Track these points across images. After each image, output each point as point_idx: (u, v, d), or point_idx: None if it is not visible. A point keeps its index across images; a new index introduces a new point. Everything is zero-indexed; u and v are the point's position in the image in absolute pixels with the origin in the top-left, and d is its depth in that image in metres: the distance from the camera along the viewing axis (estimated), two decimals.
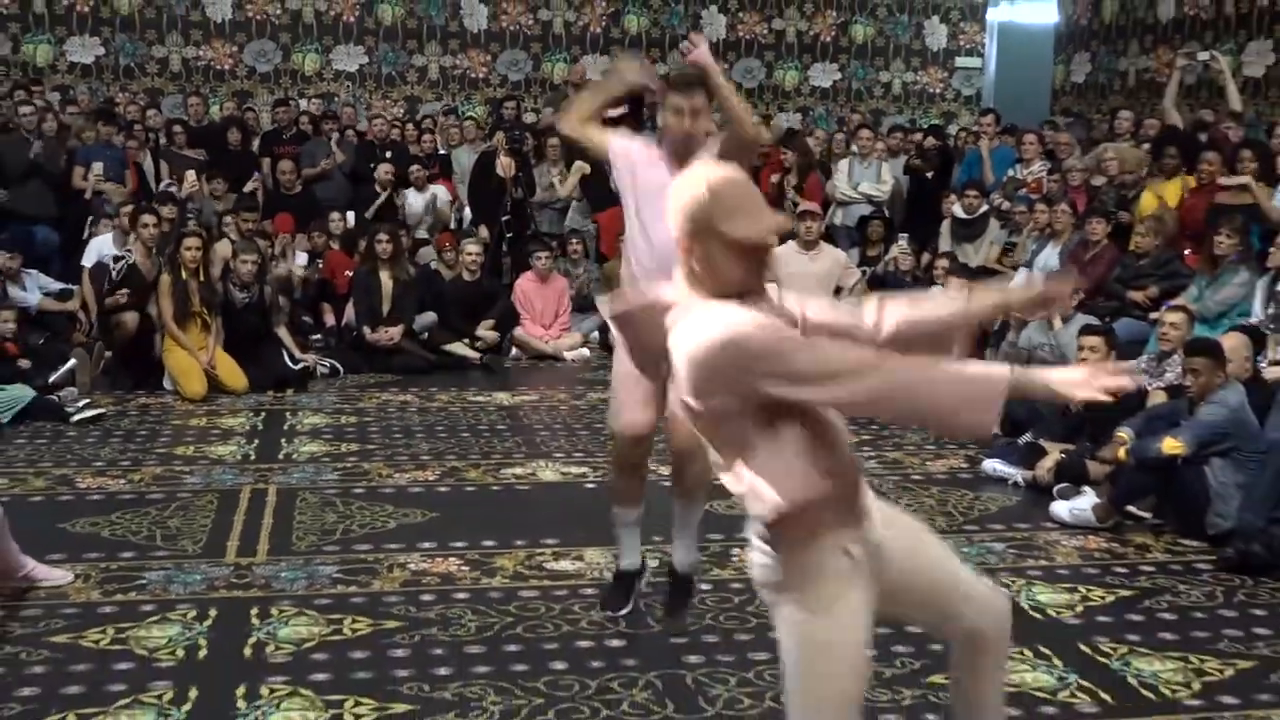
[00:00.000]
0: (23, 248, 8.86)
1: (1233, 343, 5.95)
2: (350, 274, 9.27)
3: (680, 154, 4.22)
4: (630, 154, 4.37)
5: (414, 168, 10.61)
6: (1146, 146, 9.31)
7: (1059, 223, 8.60)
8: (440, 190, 10.77)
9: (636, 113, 12.03)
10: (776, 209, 9.96)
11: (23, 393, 7.15)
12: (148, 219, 8.37)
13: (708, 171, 2.56)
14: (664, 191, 4.31)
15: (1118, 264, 8.08)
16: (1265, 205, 7.49)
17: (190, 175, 10.09)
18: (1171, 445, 5.41)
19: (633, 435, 4.30)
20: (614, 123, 9.92)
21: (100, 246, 8.96)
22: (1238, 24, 11.22)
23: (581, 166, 10.78)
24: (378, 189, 10.38)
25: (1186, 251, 7.95)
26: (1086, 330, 6.49)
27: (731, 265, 2.45)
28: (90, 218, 9.71)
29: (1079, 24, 13.68)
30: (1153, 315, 7.27)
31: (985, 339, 7.62)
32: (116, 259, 8.43)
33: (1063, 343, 6.94)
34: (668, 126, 4.33)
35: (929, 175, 10.72)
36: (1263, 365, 6.39)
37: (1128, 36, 12.77)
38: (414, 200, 10.57)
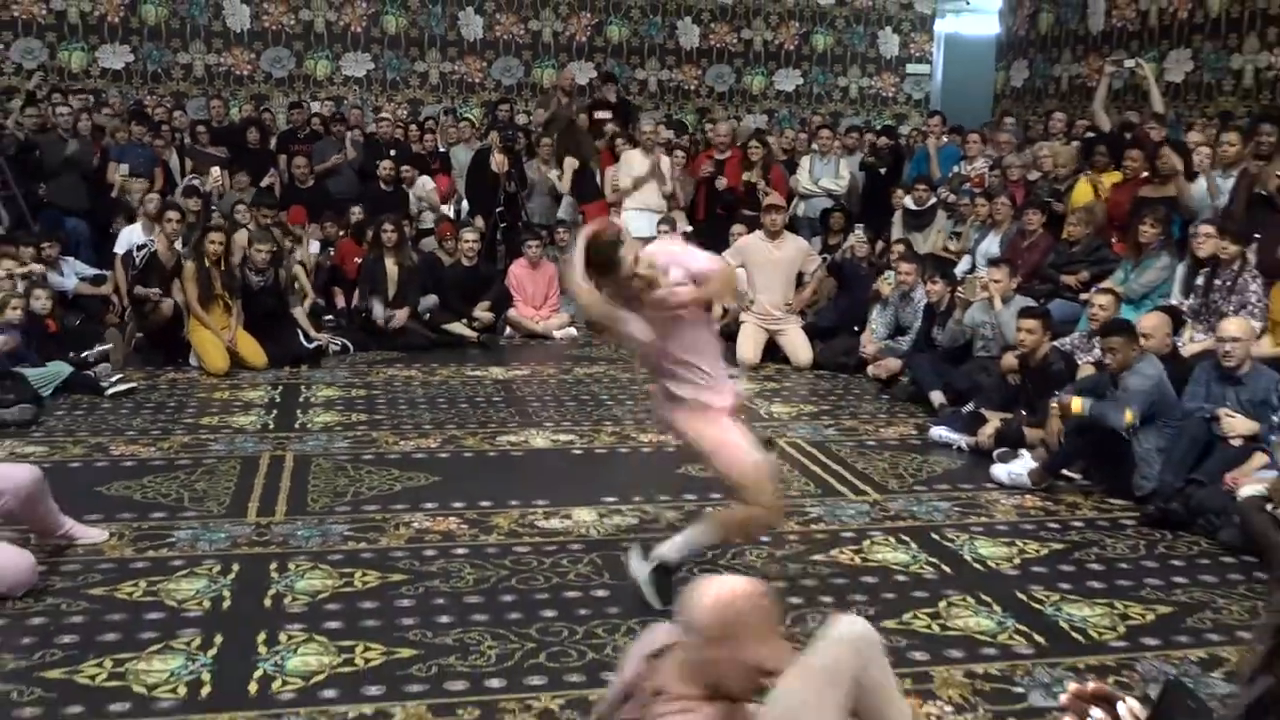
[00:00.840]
0: (55, 236, 8.83)
1: (1154, 321, 5.99)
2: (359, 261, 9.24)
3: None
4: None
5: (404, 167, 10.54)
6: (1077, 144, 9.33)
7: (999, 214, 8.63)
8: (425, 180, 10.70)
9: (624, 112, 12.06)
10: (748, 200, 10.00)
11: (61, 369, 7.12)
12: (172, 214, 8.39)
13: (735, 585, 2.52)
14: None
15: (1052, 250, 8.10)
16: (1186, 194, 7.49)
17: (215, 171, 10.06)
18: (1130, 416, 5.36)
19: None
20: (602, 123, 9.95)
21: (130, 236, 8.90)
22: (1160, 34, 11.24)
23: (572, 162, 10.75)
24: (382, 185, 10.34)
25: (1114, 239, 7.97)
26: (1025, 313, 6.51)
27: (736, 679, 2.44)
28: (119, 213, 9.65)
29: (1018, 34, 13.68)
30: (1083, 297, 7.30)
31: (934, 318, 7.63)
32: (139, 247, 8.39)
33: (1003, 321, 6.96)
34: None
35: (882, 171, 10.72)
36: (1181, 344, 6.43)
37: (1061, 46, 12.78)
38: (412, 194, 10.54)
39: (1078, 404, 5.57)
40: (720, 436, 4.01)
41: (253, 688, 3.48)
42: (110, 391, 7.08)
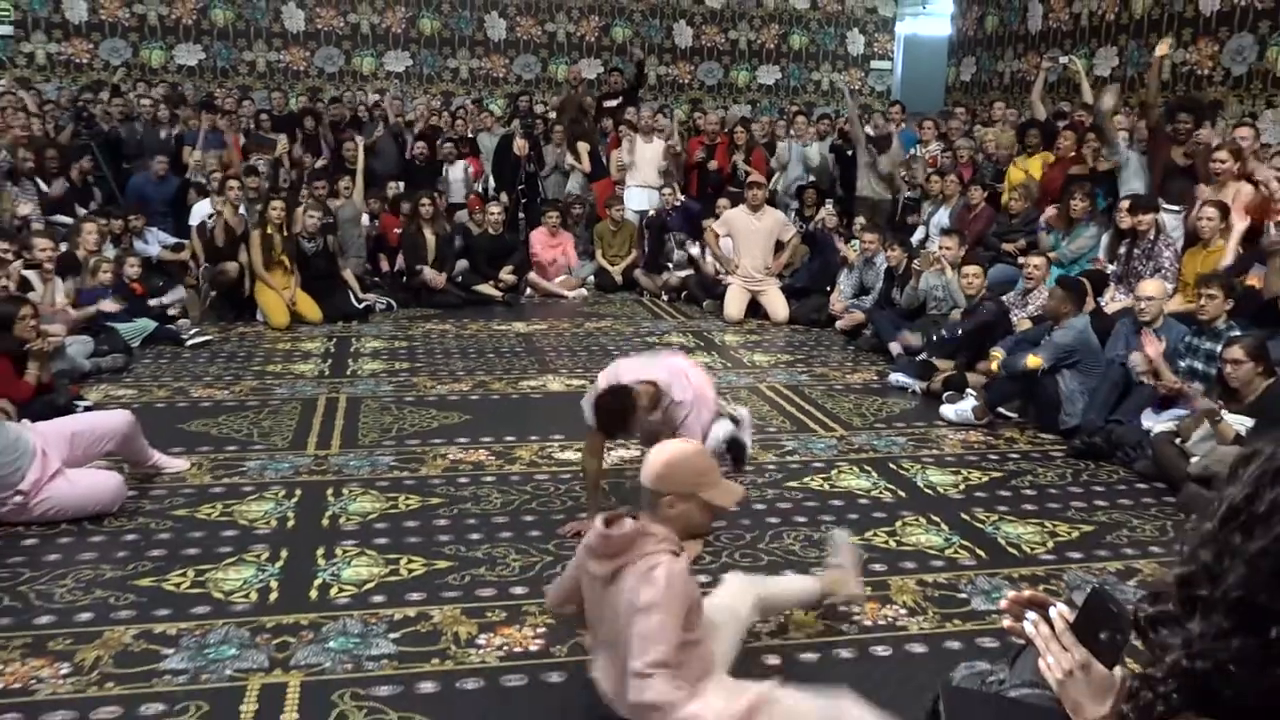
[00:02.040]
0: (139, 208, 8.82)
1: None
2: (399, 231, 9.19)
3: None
4: None
5: (447, 145, 10.48)
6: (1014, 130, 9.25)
7: (948, 189, 8.57)
8: (464, 163, 10.63)
9: (631, 98, 11.95)
10: (733, 180, 9.93)
11: (147, 324, 7.10)
12: (233, 183, 8.32)
13: (676, 447, 2.74)
14: None
15: (993, 221, 8.06)
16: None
17: (283, 139, 10.00)
18: (1034, 360, 5.45)
19: None
20: (610, 110, 9.85)
21: (203, 209, 8.86)
22: (1090, 34, 11.12)
23: (585, 145, 10.66)
24: (417, 162, 10.25)
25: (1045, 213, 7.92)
26: (967, 260, 6.59)
27: (701, 519, 2.67)
28: (191, 189, 9.59)
29: (967, 35, 13.52)
30: (1020, 261, 7.27)
31: (893, 280, 7.60)
32: (210, 217, 8.34)
33: (954, 289, 6.95)
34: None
35: (849, 153, 10.62)
36: (1104, 303, 6.41)
37: (1004, 44, 12.64)
38: (451, 174, 10.46)
39: (995, 365, 5.71)
40: None
41: (313, 593, 3.51)
42: (190, 343, 7.07)
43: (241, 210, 8.31)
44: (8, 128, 8.71)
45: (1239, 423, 4.47)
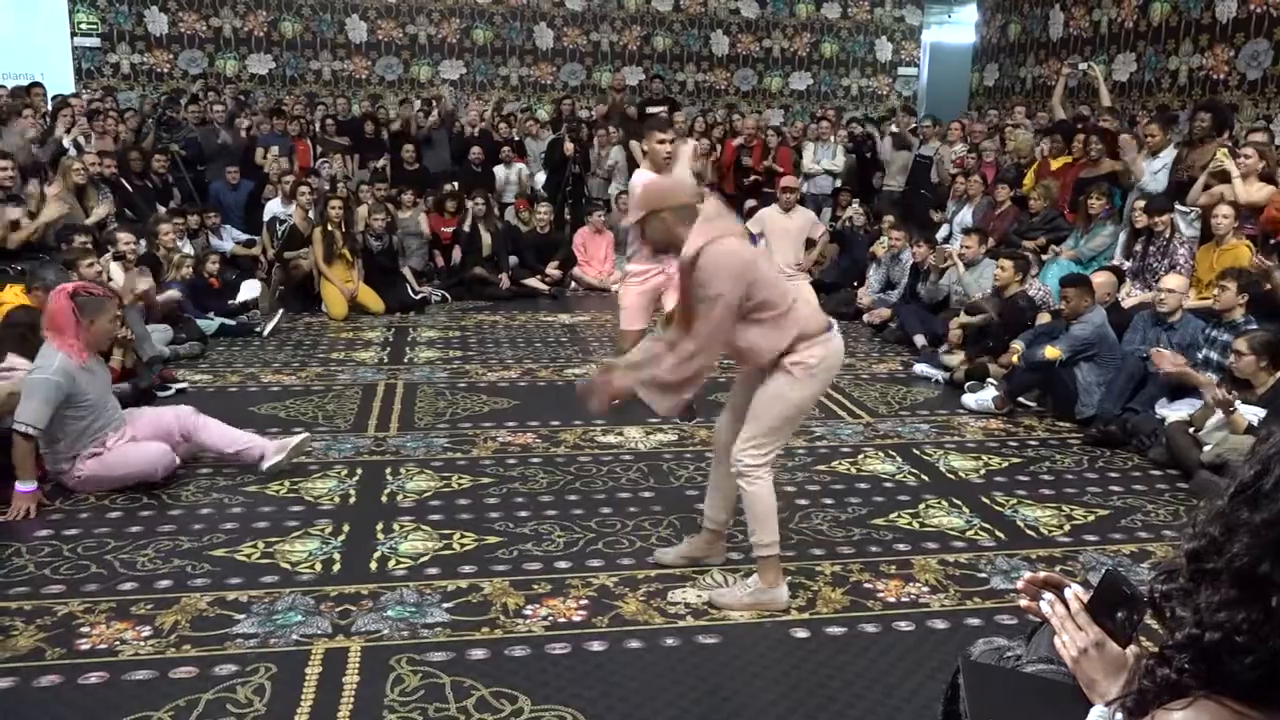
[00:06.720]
0: (215, 207, 8.93)
1: (1101, 279, 5.89)
2: (446, 229, 9.23)
3: (663, 170, 4.74)
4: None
5: (505, 149, 10.52)
6: (1037, 133, 9.08)
7: (972, 189, 8.46)
8: (521, 166, 10.66)
9: (672, 106, 11.91)
10: (765, 180, 9.88)
11: (223, 322, 7.20)
12: (303, 189, 8.38)
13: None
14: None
15: (1016, 220, 7.94)
16: (1127, 169, 7.28)
17: (339, 158, 10.08)
18: (1052, 352, 5.38)
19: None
20: (653, 116, 9.79)
21: (274, 207, 8.96)
22: (1109, 40, 10.91)
23: (636, 144, 10.64)
24: (473, 166, 10.28)
25: (1065, 210, 7.78)
26: (1005, 254, 6.60)
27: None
28: (265, 186, 9.67)
29: (990, 42, 13.32)
30: (1044, 258, 7.17)
31: (919, 275, 7.51)
32: (280, 221, 8.44)
33: (967, 284, 6.87)
34: (653, 150, 4.78)
35: (868, 155, 10.58)
36: (1122, 297, 6.30)
37: (1026, 51, 12.43)
38: (501, 173, 10.48)
39: (1015, 358, 5.63)
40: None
41: (373, 565, 3.54)
42: (266, 331, 7.15)
43: (310, 214, 8.39)
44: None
45: (1252, 413, 4.38)
